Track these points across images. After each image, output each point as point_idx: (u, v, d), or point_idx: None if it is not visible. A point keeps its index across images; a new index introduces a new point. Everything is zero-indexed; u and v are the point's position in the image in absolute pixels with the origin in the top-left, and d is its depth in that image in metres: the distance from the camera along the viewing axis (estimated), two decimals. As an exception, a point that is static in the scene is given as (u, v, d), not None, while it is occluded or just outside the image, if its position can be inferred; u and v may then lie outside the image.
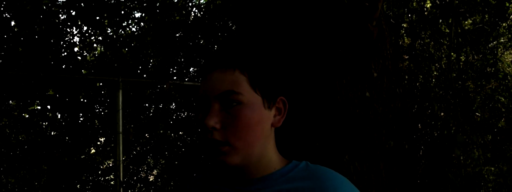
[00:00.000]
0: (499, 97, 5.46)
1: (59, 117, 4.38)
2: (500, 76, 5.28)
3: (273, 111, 0.91)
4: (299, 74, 1.45)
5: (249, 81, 0.86)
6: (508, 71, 5.67)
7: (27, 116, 4.34)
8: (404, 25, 4.63)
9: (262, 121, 0.87)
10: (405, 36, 4.74)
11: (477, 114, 5.00)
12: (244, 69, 0.87)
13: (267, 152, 0.91)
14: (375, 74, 1.48)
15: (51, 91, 4.28)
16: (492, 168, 6.08)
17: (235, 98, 0.84)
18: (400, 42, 4.76)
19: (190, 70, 4.52)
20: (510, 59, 6.15)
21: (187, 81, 3.32)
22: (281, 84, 0.94)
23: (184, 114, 4.68)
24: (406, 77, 4.18)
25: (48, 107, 4.30)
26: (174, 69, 4.54)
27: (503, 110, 5.61)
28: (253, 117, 0.85)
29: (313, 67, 1.45)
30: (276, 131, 0.96)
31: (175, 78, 4.44)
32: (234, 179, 0.93)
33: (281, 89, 0.94)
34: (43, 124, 4.46)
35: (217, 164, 0.85)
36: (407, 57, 4.54)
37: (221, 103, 0.85)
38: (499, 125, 5.80)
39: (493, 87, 5.40)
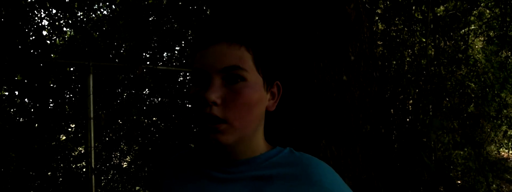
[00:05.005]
0: (469, 83, 5.57)
1: (27, 103, 4.26)
2: (471, 62, 5.38)
3: (268, 95, 0.90)
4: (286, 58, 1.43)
5: (253, 60, 0.83)
6: (478, 57, 5.78)
7: (-6, 102, 4.20)
8: (378, 11, 4.65)
9: (261, 102, 0.86)
10: (379, 22, 4.77)
11: (448, 99, 5.10)
12: (250, 46, 0.84)
13: (257, 135, 0.90)
14: (352, 58, 1.46)
15: (19, 76, 4.14)
16: (461, 152, 6.24)
17: (240, 74, 0.81)
18: (374, 28, 4.78)
19: (164, 55, 4.45)
20: (481, 46, 6.27)
21: (161, 65, 3.25)
22: (280, 67, 0.94)
23: (157, 100, 4.62)
24: (379, 63, 4.20)
25: (16, 92, 4.17)
26: (148, 54, 4.45)
27: (473, 95, 5.73)
28: (254, 96, 0.83)
29: (290, 50, 1.42)
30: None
31: (148, 63, 4.36)
32: (218, 160, 0.91)
33: (279, 72, 0.93)
34: (11, 111, 4.33)
35: (209, 142, 0.82)
36: (381, 42, 4.56)
37: (223, 77, 0.81)
38: (469, 110, 5.93)
39: (464, 73, 5.51)
